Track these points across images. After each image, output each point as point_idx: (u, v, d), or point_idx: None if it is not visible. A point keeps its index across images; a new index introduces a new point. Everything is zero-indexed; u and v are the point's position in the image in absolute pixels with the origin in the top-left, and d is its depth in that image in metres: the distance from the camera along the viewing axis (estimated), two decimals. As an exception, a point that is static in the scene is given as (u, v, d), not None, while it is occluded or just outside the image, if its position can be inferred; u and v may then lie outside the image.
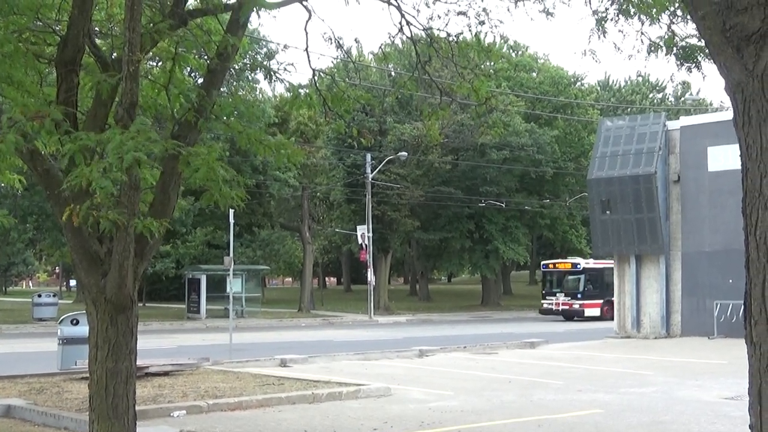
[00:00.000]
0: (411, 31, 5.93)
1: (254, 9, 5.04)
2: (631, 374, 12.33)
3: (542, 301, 32.18)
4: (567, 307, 30.31)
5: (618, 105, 43.38)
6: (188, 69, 6.48)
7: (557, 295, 30.87)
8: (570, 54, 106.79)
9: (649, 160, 19.53)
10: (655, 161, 19.39)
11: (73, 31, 4.85)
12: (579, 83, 43.74)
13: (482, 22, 5.98)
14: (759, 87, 2.26)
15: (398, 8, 5.82)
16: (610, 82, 50.19)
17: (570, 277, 30.96)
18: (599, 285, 29.76)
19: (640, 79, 48.98)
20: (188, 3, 5.55)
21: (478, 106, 6.43)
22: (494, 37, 8.45)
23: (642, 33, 5.98)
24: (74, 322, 10.98)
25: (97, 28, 5.69)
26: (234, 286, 22.81)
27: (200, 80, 5.91)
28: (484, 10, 6.00)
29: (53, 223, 25.46)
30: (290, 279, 55.00)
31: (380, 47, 6.98)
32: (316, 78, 6.25)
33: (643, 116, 23.70)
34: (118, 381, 4.77)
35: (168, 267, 30.77)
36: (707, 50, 2.66)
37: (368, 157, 30.87)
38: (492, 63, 29.46)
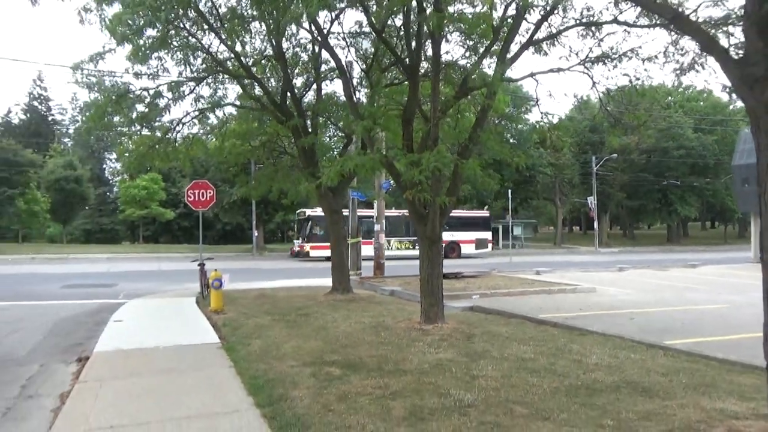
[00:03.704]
0: (597, 88, 9.39)
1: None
2: (758, 285, 13.76)
3: None
4: None
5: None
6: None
7: None
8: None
9: None
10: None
11: (410, 106, 9.69)
12: (732, 105, 58.08)
13: (638, 78, 9.00)
14: (764, 111, 4.06)
15: (590, 77, 9.36)
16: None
17: None
18: None
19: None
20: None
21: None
22: (649, 83, 11.22)
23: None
24: None
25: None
26: (516, 231, 48.53)
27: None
28: (644, 68, 9.04)
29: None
30: (552, 227, 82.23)
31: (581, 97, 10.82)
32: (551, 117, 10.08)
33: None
34: (433, 277, 9.53)
35: None
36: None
37: (593, 158, 50.61)
38: (658, 100, 42.15)
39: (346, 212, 19.41)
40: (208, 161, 41.57)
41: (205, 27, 12.31)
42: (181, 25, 12.02)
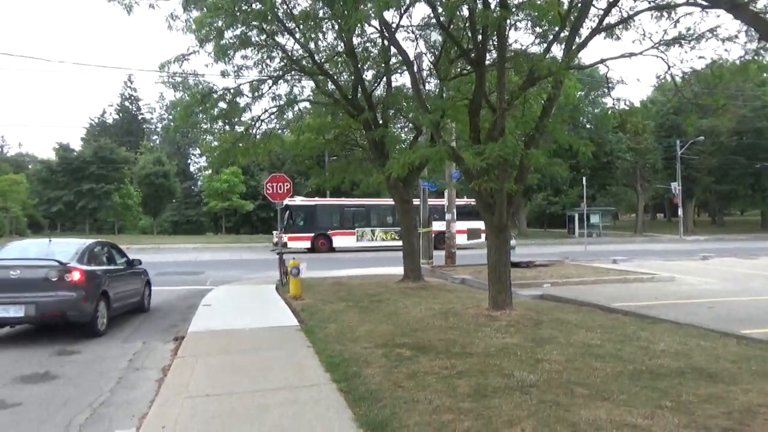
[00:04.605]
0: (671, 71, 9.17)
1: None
2: None
3: None
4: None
5: None
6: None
7: None
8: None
9: None
10: None
11: (476, 97, 9.89)
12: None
13: (720, 58, 8.78)
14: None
15: (665, 61, 9.18)
16: None
17: None
18: None
19: None
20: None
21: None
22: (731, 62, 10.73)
23: None
24: None
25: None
26: (593, 219, 47.37)
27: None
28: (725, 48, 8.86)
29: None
30: (633, 215, 78.89)
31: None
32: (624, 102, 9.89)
33: None
34: (500, 264, 9.74)
35: (557, 209, 55.46)
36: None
37: (677, 142, 47.66)
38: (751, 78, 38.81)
39: (417, 201, 19.79)
40: (284, 155, 43.14)
41: (281, 27, 12.98)
42: (260, 26, 12.72)
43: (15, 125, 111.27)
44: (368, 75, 16.10)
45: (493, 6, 9.10)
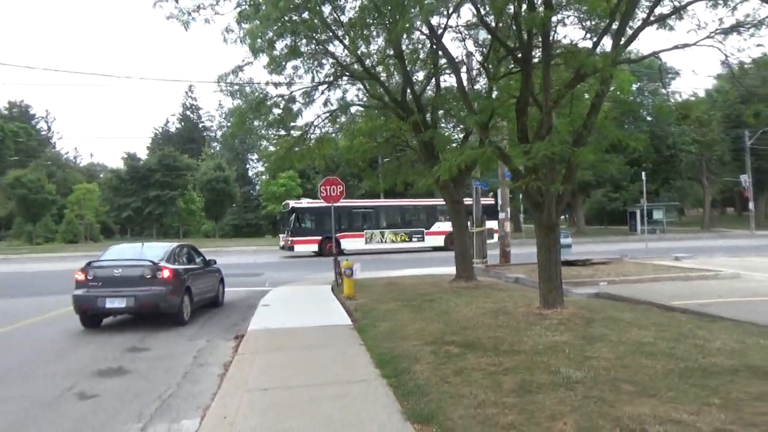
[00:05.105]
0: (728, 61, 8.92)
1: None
2: None
3: None
4: None
5: None
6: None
7: None
8: None
9: None
10: None
11: (523, 96, 9.90)
12: None
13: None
14: None
15: (722, 51, 8.99)
16: None
17: None
18: None
19: None
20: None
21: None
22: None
23: None
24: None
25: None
26: (656, 215, 46.60)
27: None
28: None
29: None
30: (701, 209, 75.57)
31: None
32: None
33: None
34: (550, 263, 9.72)
35: (617, 205, 53.43)
36: None
37: (746, 132, 45.53)
38: None
39: (469, 201, 19.81)
40: (339, 157, 43.92)
41: (330, 35, 13.35)
42: (309, 35, 13.13)
43: (87, 137, 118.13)
44: (419, 75, 16.32)
45: (538, 2, 9.10)
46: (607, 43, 10.35)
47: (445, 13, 12.42)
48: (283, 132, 17.20)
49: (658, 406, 4.73)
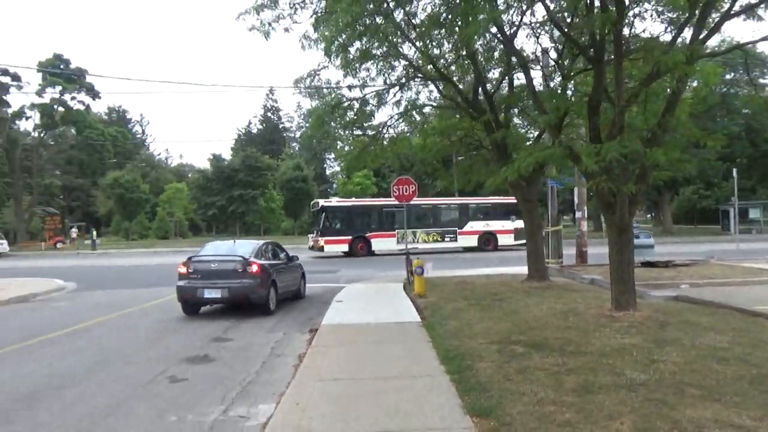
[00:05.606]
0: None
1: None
2: None
3: None
4: None
5: None
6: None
7: None
8: None
9: None
10: None
11: (595, 94, 9.77)
12: None
13: None
14: None
15: None
16: None
17: None
18: None
19: None
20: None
21: None
22: None
23: None
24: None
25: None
26: (752, 213, 44.51)
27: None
28: None
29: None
30: None
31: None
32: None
33: None
34: (623, 264, 9.56)
35: (709, 203, 50.15)
36: None
37: None
38: None
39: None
40: (413, 156, 44.23)
41: (403, 38, 13.66)
42: (382, 38, 13.50)
43: (177, 141, 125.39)
44: (495, 73, 16.30)
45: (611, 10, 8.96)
46: (688, 35, 10.01)
47: (521, 10, 12.40)
48: (358, 132, 17.74)
49: (720, 410, 4.69)
